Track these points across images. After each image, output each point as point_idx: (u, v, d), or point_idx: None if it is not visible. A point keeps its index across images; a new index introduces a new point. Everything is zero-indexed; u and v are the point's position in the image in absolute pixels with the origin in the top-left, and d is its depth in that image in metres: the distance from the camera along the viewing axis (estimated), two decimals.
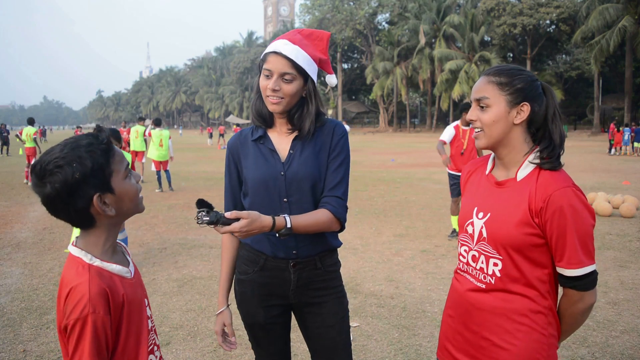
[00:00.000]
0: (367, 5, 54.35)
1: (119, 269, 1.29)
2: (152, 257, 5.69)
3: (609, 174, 13.77)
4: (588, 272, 1.40)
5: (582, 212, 1.39)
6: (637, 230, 6.88)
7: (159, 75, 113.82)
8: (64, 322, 1.18)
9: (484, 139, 1.51)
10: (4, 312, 4.11)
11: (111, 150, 1.26)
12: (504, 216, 1.47)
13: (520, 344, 1.45)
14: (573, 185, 1.41)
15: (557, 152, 1.46)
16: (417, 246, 6.11)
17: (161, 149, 11.21)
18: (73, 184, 1.18)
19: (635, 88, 38.40)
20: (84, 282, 1.19)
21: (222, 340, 1.84)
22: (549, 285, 1.47)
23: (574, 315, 1.48)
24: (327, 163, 1.79)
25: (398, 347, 3.42)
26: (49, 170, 1.18)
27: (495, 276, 1.49)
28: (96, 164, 1.21)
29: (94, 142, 1.24)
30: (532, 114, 1.47)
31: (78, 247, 1.28)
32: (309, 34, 1.80)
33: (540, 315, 1.46)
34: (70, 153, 1.19)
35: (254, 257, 1.81)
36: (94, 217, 1.25)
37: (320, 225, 1.70)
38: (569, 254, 1.39)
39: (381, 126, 56.83)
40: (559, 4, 40.49)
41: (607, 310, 4.02)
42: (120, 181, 1.27)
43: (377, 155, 21.78)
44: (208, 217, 1.46)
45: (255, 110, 1.81)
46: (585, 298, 1.44)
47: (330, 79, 1.90)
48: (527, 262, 1.45)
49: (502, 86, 1.47)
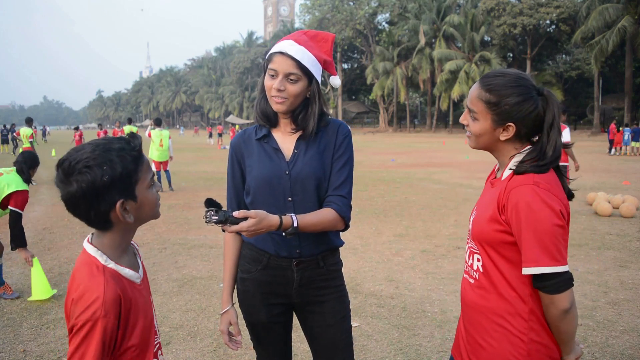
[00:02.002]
0: (367, 5, 54.33)
1: (130, 273, 1.28)
2: (152, 257, 5.69)
3: (609, 174, 13.77)
4: (548, 273, 1.35)
5: (539, 210, 1.35)
6: (637, 230, 6.88)
7: (159, 75, 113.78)
8: (71, 321, 1.16)
9: (472, 142, 1.58)
10: (4, 312, 4.11)
11: (141, 158, 1.25)
12: (482, 213, 1.51)
13: (496, 345, 1.46)
14: (534, 183, 1.38)
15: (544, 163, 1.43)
16: (417, 246, 6.11)
17: (161, 149, 11.21)
18: (100, 186, 1.17)
19: (635, 88, 38.39)
20: (99, 284, 1.18)
21: (228, 339, 1.84)
22: (531, 288, 1.43)
23: (552, 321, 1.41)
24: (331, 162, 1.80)
25: (398, 347, 3.42)
26: (77, 169, 1.16)
27: (479, 272, 1.52)
28: (125, 170, 1.20)
29: (126, 147, 1.23)
30: (518, 132, 1.48)
31: (94, 245, 1.27)
32: (315, 35, 1.82)
33: (518, 318, 1.43)
34: (102, 155, 1.18)
35: (257, 256, 1.81)
36: (112, 221, 1.24)
37: (325, 224, 1.71)
38: (524, 252, 1.38)
39: (381, 126, 56.84)
40: (559, 4, 40.48)
41: (607, 310, 4.02)
42: (144, 190, 1.26)
43: (377, 155, 21.77)
44: (217, 217, 1.47)
45: (260, 110, 1.81)
46: (555, 301, 1.37)
47: (334, 80, 1.91)
48: (504, 260, 1.45)
49: (490, 105, 1.47)
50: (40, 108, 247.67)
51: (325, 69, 1.84)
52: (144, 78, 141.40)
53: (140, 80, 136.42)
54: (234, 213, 1.50)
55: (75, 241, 6.49)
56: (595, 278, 4.80)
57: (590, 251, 5.79)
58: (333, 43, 1.86)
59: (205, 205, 1.48)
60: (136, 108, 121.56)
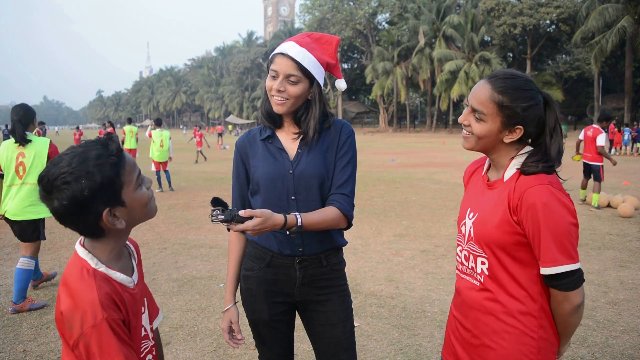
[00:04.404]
0: (367, 5, 54.32)
1: (122, 277, 1.25)
2: (152, 257, 5.69)
3: (609, 174, 13.75)
4: (566, 271, 1.37)
5: (556, 209, 1.36)
6: (637, 230, 6.88)
7: (159, 75, 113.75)
8: (74, 337, 1.12)
9: (471, 143, 1.53)
10: (4, 312, 4.11)
11: (121, 161, 1.20)
12: (488, 215, 1.48)
13: (507, 345, 1.45)
14: (549, 183, 1.38)
15: (551, 164, 1.44)
16: (417, 246, 6.11)
17: (162, 150, 11.21)
18: (82, 200, 1.13)
19: (635, 88, 38.39)
20: (90, 288, 1.15)
21: (229, 337, 1.85)
22: (540, 286, 1.45)
23: (563, 316, 1.45)
24: (334, 161, 1.81)
25: (398, 347, 3.42)
26: (56, 186, 1.13)
27: (484, 274, 1.50)
28: (105, 179, 1.15)
29: (104, 153, 1.17)
30: (525, 134, 1.47)
31: (85, 248, 1.25)
32: (319, 37, 1.82)
33: (529, 317, 1.44)
34: (79, 167, 1.13)
35: (261, 254, 1.82)
36: (103, 228, 1.21)
37: (329, 223, 1.72)
38: (543, 252, 1.38)
39: (381, 126, 56.83)
40: (559, 4, 40.46)
41: (607, 310, 4.02)
42: (131, 192, 1.23)
43: (377, 155, 21.77)
44: (223, 216, 1.48)
45: (264, 111, 1.82)
46: (570, 298, 1.40)
47: (340, 83, 1.91)
48: (514, 261, 1.45)
49: (502, 108, 1.43)
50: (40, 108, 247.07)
51: (329, 72, 1.84)
52: (144, 78, 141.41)
53: (140, 80, 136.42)
54: (239, 212, 1.51)
55: (75, 241, 6.42)
56: (595, 278, 4.80)
57: (590, 251, 5.79)
58: (338, 46, 1.85)
59: (211, 204, 1.50)
60: (136, 108, 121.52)
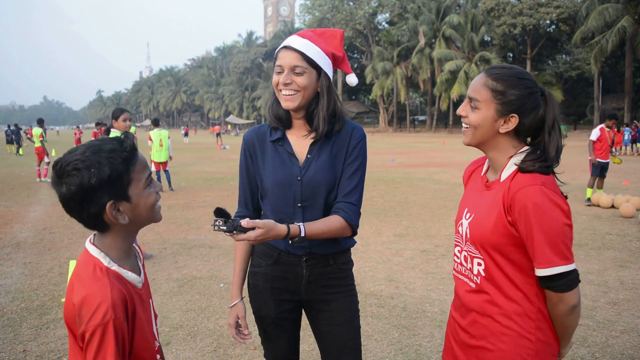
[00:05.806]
0: (367, 5, 54.38)
1: (133, 277, 1.27)
2: (152, 257, 5.68)
3: (609, 174, 13.70)
4: (560, 273, 1.35)
5: (549, 210, 1.34)
6: (637, 230, 6.88)
7: (159, 75, 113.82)
8: (80, 327, 1.14)
9: (469, 137, 1.53)
10: (4, 312, 4.11)
11: (133, 158, 1.24)
12: (484, 216, 1.47)
13: (505, 347, 1.44)
14: (542, 184, 1.37)
15: (549, 164, 1.43)
16: (417, 246, 6.11)
17: (161, 149, 11.20)
18: (88, 188, 1.17)
19: (635, 88, 38.40)
20: (104, 286, 1.17)
21: (236, 332, 1.84)
22: (537, 288, 1.43)
23: (559, 318, 1.43)
24: (342, 167, 1.77)
25: (398, 347, 3.42)
26: (67, 171, 1.18)
27: (481, 276, 1.49)
28: (114, 172, 1.19)
29: (117, 148, 1.22)
30: (520, 125, 1.46)
31: (96, 246, 1.26)
32: (322, 32, 1.80)
33: (525, 318, 1.43)
34: (91, 157, 1.18)
35: (268, 251, 1.82)
36: (106, 222, 1.23)
37: (332, 232, 1.70)
38: (537, 254, 1.37)
39: (381, 126, 56.85)
40: (559, 4, 40.50)
41: (607, 310, 4.01)
42: (139, 190, 1.25)
43: (377, 155, 21.75)
44: (225, 227, 1.48)
45: (273, 113, 1.80)
46: (565, 299, 1.38)
47: (350, 78, 1.86)
48: (510, 263, 1.44)
49: (496, 94, 1.44)
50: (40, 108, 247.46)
51: (338, 67, 1.81)
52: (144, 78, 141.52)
53: (140, 80, 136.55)
54: (242, 222, 1.50)
55: (75, 241, 6.48)
56: (595, 278, 4.80)
57: (590, 251, 5.79)
58: (342, 38, 1.82)
59: (214, 214, 1.49)
60: (136, 108, 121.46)
